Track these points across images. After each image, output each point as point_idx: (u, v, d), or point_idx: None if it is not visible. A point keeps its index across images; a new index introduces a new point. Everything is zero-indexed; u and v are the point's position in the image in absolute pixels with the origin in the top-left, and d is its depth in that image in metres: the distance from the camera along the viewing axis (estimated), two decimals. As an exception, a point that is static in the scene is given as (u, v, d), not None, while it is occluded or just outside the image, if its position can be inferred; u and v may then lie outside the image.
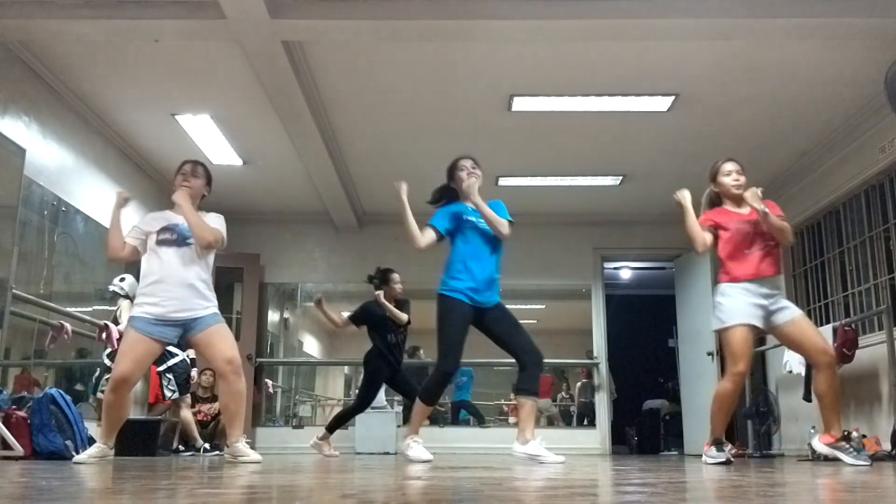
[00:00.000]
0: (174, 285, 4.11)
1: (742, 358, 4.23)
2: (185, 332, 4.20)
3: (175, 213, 4.30)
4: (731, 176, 4.46)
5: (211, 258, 4.33)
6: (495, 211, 4.40)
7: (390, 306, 6.18)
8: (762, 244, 4.35)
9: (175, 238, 4.18)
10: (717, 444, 4.40)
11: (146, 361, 4.23)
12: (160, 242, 4.18)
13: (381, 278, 6.32)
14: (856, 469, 3.73)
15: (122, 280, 6.66)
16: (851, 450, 4.26)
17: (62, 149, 6.19)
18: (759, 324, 4.29)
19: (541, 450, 4.21)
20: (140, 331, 4.08)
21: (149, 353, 4.16)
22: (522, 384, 4.30)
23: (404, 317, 6.22)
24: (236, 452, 4.19)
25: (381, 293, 6.22)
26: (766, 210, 4.24)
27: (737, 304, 4.28)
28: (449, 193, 4.60)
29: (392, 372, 6.31)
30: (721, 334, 4.38)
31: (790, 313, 4.31)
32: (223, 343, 4.16)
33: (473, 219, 4.43)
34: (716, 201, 4.56)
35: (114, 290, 6.66)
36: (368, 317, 6.36)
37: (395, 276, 6.31)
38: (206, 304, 4.19)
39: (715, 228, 4.42)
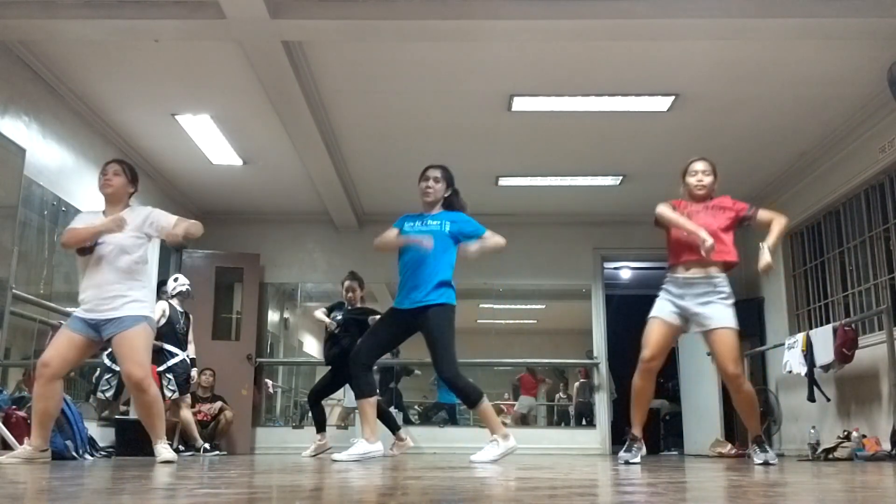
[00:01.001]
0: (91, 290, 4.17)
1: (648, 345, 4.31)
2: (100, 333, 4.16)
3: (106, 216, 4.29)
4: (696, 177, 4.46)
5: (138, 253, 4.24)
6: (465, 225, 4.52)
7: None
8: (710, 230, 4.21)
9: (90, 245, 4.21)
10: (633, 440, 4.40)
11: (70, 355, 4.15)
12: (79, 251, 4.26)
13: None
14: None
15: (175, 280, 7.18)
16: (758, 450, 4.32)
17: (62, 149, 6.19)
18: (675, 322, 4.33)
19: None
20: (67, 325, 4.24)
21: (72, 346, 4.12)
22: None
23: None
24: (155, 453, 4.24)
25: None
26: (770, 264, 4.24)
27: (660, 302, 4.41)
28: (449, 201, 4.67)
29: (335, 367, 6.57)
30: None
31: (714, 322, 4.23)
32: (125, 356, 4.15)
33: (405, 235, 4.59)
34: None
35: (171, 290, 7.04)
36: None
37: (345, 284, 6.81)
38: (121, 304, 4.14)
39: (673, 209, 4.48)
